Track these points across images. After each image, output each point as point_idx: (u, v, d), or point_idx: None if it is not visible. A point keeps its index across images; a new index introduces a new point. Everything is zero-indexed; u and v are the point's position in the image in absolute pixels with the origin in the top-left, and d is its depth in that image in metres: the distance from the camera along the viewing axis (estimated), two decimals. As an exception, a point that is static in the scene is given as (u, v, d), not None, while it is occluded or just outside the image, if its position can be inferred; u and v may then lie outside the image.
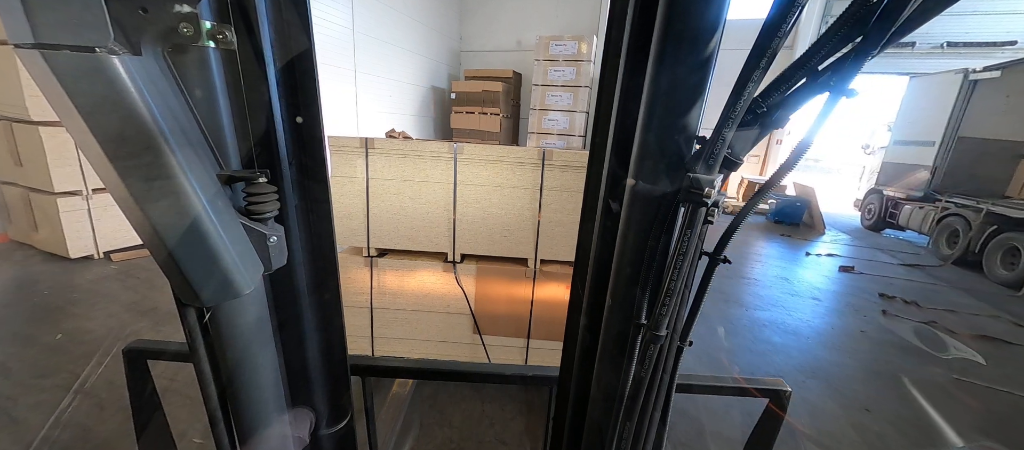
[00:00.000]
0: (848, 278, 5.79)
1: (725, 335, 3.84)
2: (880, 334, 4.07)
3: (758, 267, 6.03)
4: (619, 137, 0.88)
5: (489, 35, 12.58)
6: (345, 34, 7.87)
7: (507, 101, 10.68)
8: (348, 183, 2.28)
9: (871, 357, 3.59)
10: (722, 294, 4.77)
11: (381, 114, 9.32)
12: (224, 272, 0.66)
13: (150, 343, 1.29)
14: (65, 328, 3.05)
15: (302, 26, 0.77)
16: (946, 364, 3.54)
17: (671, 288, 0.73)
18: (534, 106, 9.95)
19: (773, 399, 1.30)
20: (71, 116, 0.51)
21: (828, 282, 5.59)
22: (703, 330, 3.83)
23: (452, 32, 12.32)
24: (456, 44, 12.64)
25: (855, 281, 5.69)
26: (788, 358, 3.49)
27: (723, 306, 4.47)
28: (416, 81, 10.64)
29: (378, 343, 2.57)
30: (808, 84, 0.67)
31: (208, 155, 0.65)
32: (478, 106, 10.39)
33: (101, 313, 3.32)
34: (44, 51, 0.47)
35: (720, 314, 4.26)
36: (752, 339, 3.78)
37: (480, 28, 12.62)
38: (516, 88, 11.54)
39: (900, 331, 4.15)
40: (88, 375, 2.52)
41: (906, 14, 0.58)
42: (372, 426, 1.40)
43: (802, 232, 8.68)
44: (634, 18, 0.80)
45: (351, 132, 8.24)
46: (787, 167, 0.72)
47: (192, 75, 0.62)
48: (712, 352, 3.53)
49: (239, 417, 0.86)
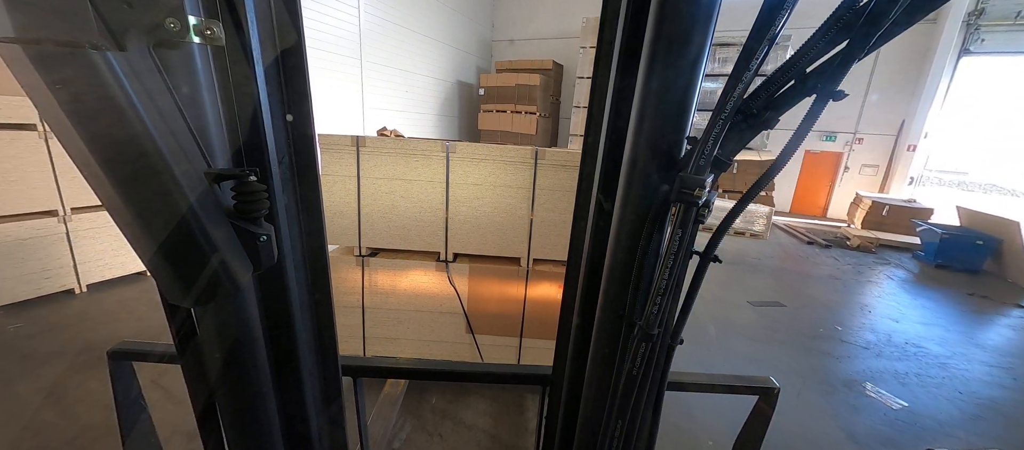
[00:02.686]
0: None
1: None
2: None
3: (968, 368, 3.33)
4: (611, 137, 0.88)
5: (527, 20, 10.52)
6: (347, 15, 6.48)
7: (545, 97, 8.98)
8: (339, 182, 2.26)
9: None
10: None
11: (394, 114, 7.86)
12: (212, 272, 0.65)
13: (136, 345, 1.26)
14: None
15: (292, 22, 0.76)
16: None
17: (663, 287, 0.74)
18: (578, 103, 7.97)
19: (762, 396, 1.32)
20: (54, 113, 0.50)
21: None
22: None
23: (483, 17, 10.37)
24: (487, 33, 10.71)
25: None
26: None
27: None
28: (439, 74, 9.06)
29: (370, 343, 2.55)
30: (796, 86, 0.68)
31: (196, 153, 0.64)
32: (511, 103, 8.76)
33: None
34: (25, 45, 0.46)
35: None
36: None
37: (517, 12, 10.56)
38: (556, 81, 9.76)
39: None
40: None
41: (892, 17, 0.59)
42: (364, 427, 1.39)
43: (991, 285, 5.53)
44: (626, 20, 0.80)
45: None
46: (779, 165, 0.73)
47: (179, 72, 0.61)
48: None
49: (228, 420, 0.85)
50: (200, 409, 0.87)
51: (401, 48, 7.80)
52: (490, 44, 10.92)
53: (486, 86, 9.06)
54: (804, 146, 9.72)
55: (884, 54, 8.78)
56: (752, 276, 5.33)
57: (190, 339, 0.80)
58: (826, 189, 10.24)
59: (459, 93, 9.88)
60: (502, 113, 8.93)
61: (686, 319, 0.86)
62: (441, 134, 9.36)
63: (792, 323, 3.99)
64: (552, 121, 9.76)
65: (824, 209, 10.31)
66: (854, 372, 3.21)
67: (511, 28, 10.74)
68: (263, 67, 0.73)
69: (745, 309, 4.24)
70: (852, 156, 9.78)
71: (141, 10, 0.50)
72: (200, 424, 0.89)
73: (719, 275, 5.11)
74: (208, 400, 0.86)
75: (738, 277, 5.26)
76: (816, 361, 3.34)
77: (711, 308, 4.19)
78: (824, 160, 10.09)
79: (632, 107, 0.75)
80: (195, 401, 0.87)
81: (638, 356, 0.80)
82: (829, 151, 9.97)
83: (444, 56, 9.10)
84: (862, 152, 9.71)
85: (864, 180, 9.74)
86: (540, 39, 10.45)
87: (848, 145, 9.76)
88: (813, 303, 4.55)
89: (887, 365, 3.36)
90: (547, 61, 9.21)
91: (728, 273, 5.35)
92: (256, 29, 0.70)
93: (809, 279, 5.39)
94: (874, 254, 6.87)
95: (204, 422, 0.89)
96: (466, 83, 10.06)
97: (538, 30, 10.40)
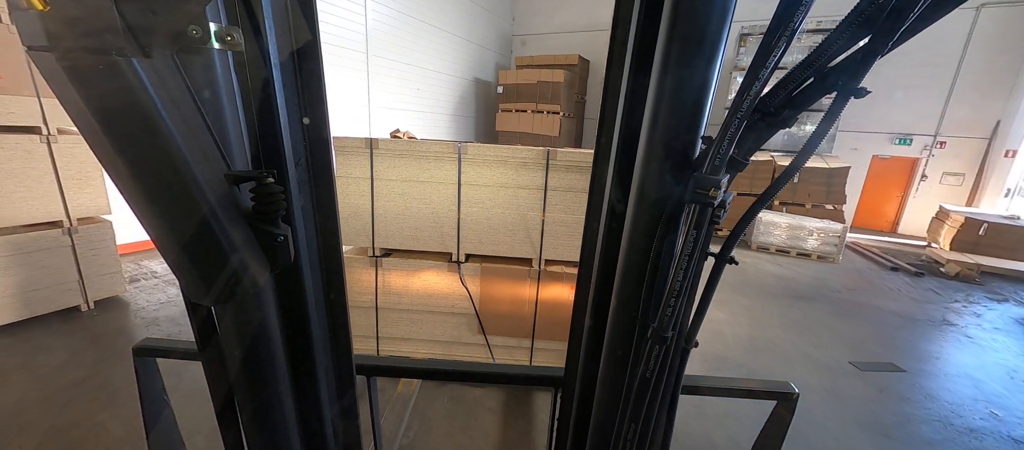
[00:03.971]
0: None
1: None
2: None
3: None
4: (625, 137, 0.87)
5: (551, 12, 9.66)
6: (353, 3, 5.89)
7: (570, 95, 8.19)
8: (353, 183, 2.29)
9: None
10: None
11: (404, 114, 7.23)
12: (232, 271, 0.66)
13: (160, 342, 1.31)
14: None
15: (309, 28, 0.77)
16: None
17: (677, 289, 0.73)
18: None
19: (781, 401, 1.29)
20: (84, 117, 0.52)
21: None
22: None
23: (503, 9, 9.62)
24: (507, 26, 9.91)
25: None
26: None
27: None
28: (454, 70, 8.35)
29: (383, 343, 2.58)
30: (816, 83, 0.66)
31: (216, 155, 0.66)
32: (531, 102, 8.05)
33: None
34: (58, 54, 0.48)
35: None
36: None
37: (540, 3, 9.73)
38: (582, 78, 8.99)
39: None
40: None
41: (917, 11, 0.57)
42: (377, 424, 1.41)
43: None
44: (640, 19, 0.80)
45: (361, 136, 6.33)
46: (797, 165, 0.71)
47: (200, 76, 0.63)
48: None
49: (246, 415, 0.87)
50: (220, 404, 0.90)
51: (413, 41, 7.11)
52: (510, 38, 10.12)
53: (505, 83, 8.44)
54: (871, 150, 8.46)
55: (976, 41, 7.36)
56: (840, 319, 4.20)
57: (210, 336, 0.82)
58: (897, 200, 8.67)
59: (476, 91, 9.12)
60: (522, 113, 8.27)
61: (701, 322, 0.84)
62: (455, 136, 8.78)
63: (925, 402, 2.90)
64: (576, 121, 9.03)
65: (894, 224, 8.78)
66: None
67: (533, 21, 9.83)
68: (280, 71, 0.75)
69: (850, 376, 3.16)
70: (932, 163, 8.17)
71: (165, 18, 0.52)
72: (219, 418, 0.91)
73: (799, 316, 4.20)
74: (227, 395, 0.89)
75: (823, 320, 4.15)
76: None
77: (804, 372, 3.17)
78: (895, 167, 8.50)
79: (646, 106, 0.75)
80: (215, 396, 0.89)
81: (652, 359, 0.79)
82: (902, 156, 8.36)
83: (460, 51, 8.36)
84: (944, 158, 8.07)
85: (946, 191, 8.12)
86: (565, 32, 9.47)
87: (927, 150, 8.12)
88: (938, 366, 3.45)
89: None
90: (573, 56, 8.42)
91: (808, 313, 4.29)
92: (274, 35, 0.72)
93: (916, 325, 4.20)
94: (980, 286, 5.53)
95: (223, 416, 0.91)
96: (483, 81, 9.33)
97: (563, 22, 9.44)
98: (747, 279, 5.22)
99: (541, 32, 9.88)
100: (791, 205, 7.22)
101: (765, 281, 5.20)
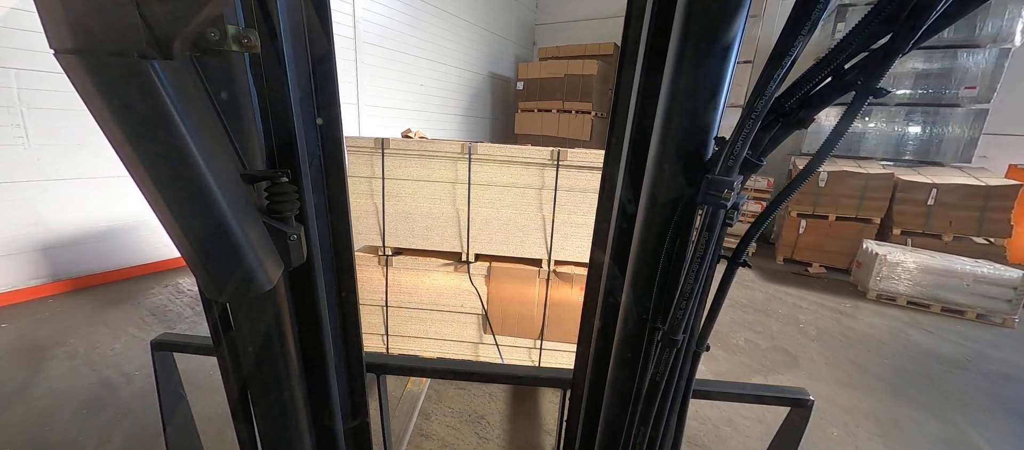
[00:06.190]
0: None
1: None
2: None
3: None
4: (636, 137, 0.87)
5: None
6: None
7: (603, 91, 6.79)
8: (364, 183, 2.32)
9: None
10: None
11: (402, 113, 6.13)
12: (246, 269, 0.68)
13: (177, 337, 1.34)
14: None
15: (323, 31, 0.79)
16: None
17: (688, 291, 0.72)
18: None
19: (794, 407, 1.27)
20: (106, 118, 0.53)
21: None
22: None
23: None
24: (529, 13, 8.56)
25: None
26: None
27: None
28: (466, 64, 7.17)
29: (392, 341, 2.60)
30: (833, 83, 0.65)
31: (232, 155, 0.67)
32: (557, 100, 6.83)
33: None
34: (83, 56, 0.50)
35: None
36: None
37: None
38: (616, 72, 7.79)
39: None
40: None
41: (939, 10, 0.55)
42: (386, 422, 1.42)
43: None
44: (652, 16, 0.79)
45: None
46: (813, 165, 0.70)
47: (218, 78, 0.64)
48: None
49: (259, 410, 0.89)
50: (234, 399, 0.91)
51: (414, 29, 5.97)
52: (532, 27, 8.66)
53: (526, 78, 7.10)
54: (1007, 158, 5.72)
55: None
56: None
57: (225, 333, 0.84)
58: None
59: (492, 88, 7.85)
60: (546, 113, 6.94)
61: (713, 325, 0.83)
62: (473, 139, 7.75)
63: None
64: (607, 122, 8.40)
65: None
66: None
67: (560, 7, 8.33)
68: (295, 73, 0.76)
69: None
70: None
71: (185, 21, 0.53)
72: (234, 413, 0.93)
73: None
74: (241, 391, 0.90)
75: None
76: None
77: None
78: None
79: (658, 105, 0.74)
80: (229, 391, 0.91)
81: (662, 362, 0.79)
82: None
83: (472, 40, 7.09)
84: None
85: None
86: (597, 19, 7.90)
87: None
88: None
89: None
90: (607, 45, 6.75)
91: (1005, 435, 2.35)
92: (289, 37, 0.73)
93: None
94: None
95: (237, 412, 0.93)
96: (501, 76, 8.08)
97: (596, 8, 7.89)
98: (880, 349, 3.27)
99: (567, 20, 8.32)
100: (919, 236, 4.94)
101: (909, 358, 3.16)
